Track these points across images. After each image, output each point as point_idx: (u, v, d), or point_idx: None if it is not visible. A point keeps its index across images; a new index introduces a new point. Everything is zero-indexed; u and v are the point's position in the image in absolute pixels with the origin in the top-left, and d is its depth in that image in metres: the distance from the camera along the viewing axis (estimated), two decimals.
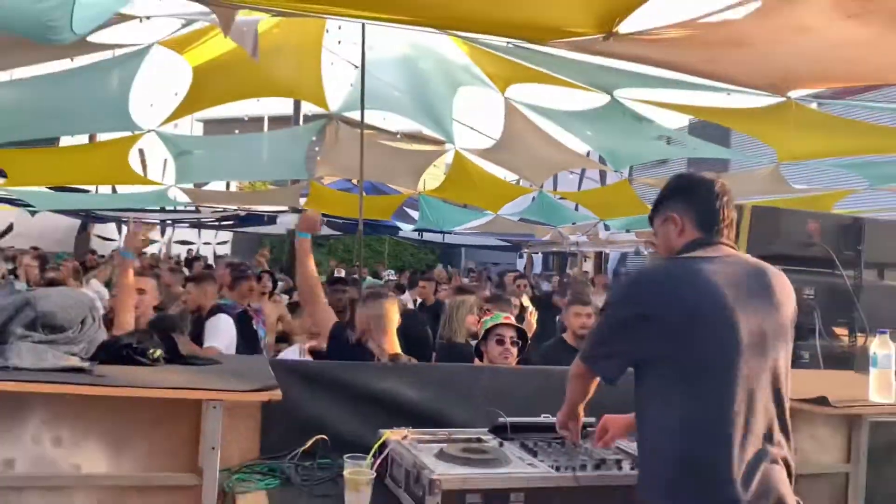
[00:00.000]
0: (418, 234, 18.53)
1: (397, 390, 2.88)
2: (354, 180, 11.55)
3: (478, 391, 2.96)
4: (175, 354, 2.42)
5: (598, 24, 4.12)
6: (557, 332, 5.55)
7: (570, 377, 2.31)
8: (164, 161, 11.01)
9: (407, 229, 16.58)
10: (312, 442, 2.54)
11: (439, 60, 7.92)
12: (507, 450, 2.42)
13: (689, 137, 10.79)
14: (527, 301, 4.99)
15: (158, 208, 16.13)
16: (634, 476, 2.14)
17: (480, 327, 4.18)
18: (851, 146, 7.67)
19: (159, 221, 19.95)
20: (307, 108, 11.60)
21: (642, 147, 8.99)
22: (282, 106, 13.60)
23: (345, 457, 2.14)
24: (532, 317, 4.55)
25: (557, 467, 2.25)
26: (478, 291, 6.50)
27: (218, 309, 5.13)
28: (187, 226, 20.55)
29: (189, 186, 12.07)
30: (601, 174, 15.25)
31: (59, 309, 2.23)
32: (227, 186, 20.13)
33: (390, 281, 11.54)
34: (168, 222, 20.33)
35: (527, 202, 13.97)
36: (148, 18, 5.64)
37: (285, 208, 13.77)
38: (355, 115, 8.37)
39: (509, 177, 13.02)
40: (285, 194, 13.45)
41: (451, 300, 5.03)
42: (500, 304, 4.93)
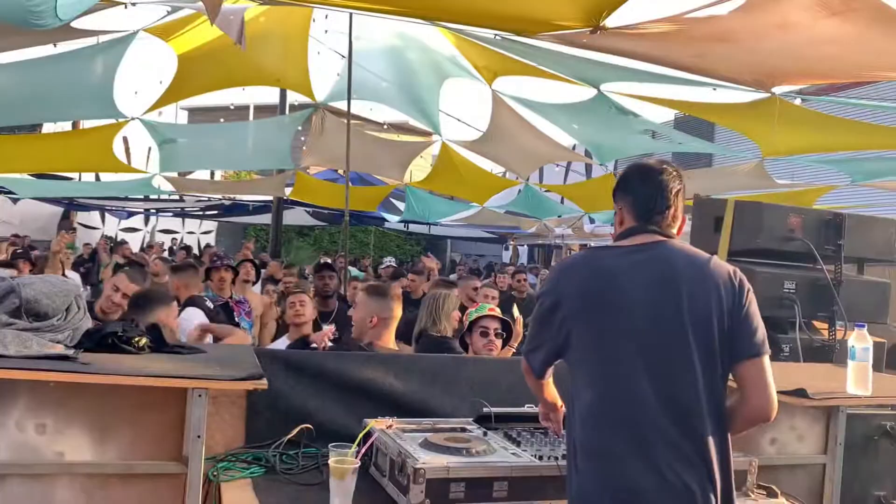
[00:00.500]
0: (404, 226, 18.52)
1: (382, 380, 2.89)
2: (340, 170, 11.51)
3: (462, 381, 2.98)
4: (160, 343, 2.42)
5: (586, 17, 4.15)
6: None
7: None
8: (149, 149, 10.93)
9: (393, 220, 16.56)
10: (297, 431, 2.56)
11: (427, 51, 7.91)
12: (490, 439, 2.44)
13: (674, 132, 10.85)
14: (517, 312, 4.89)
15: (142, 197, 16.01)
16: None
17: (466, 318, 4.19)
18: (834, 142, 7.76)
19: (143, 210, 19.83)
20: (293, 97, 11.54)
21: (627, 141, 9.04)
22: (268, 95, 13.50)
23: (329, 445, 2.14)
24: (519, 325, 4.40)
25: (540, 456, 2.29)
26: (463, 283, 6.47)
27: (191, 302, 5.01)
28: (171, 215, 20.40)
29: (173, 175, 11.98)
30: (587, 167, 15.28)
31: (43, 296, 2.22)
32: (212, 175, 19.99)
33: (390, 267, 11.38)
34: (152, 211, 20.18)
35: (513, 195, 13.99)
36: (133, 5, 5.57)
37: (270, 198, 13.70)
38: (342, 105, 8.36)
39: (496, 169, 13.04)
40: (270, 184, 13.39)
41: (433, 292, 4.74)
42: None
